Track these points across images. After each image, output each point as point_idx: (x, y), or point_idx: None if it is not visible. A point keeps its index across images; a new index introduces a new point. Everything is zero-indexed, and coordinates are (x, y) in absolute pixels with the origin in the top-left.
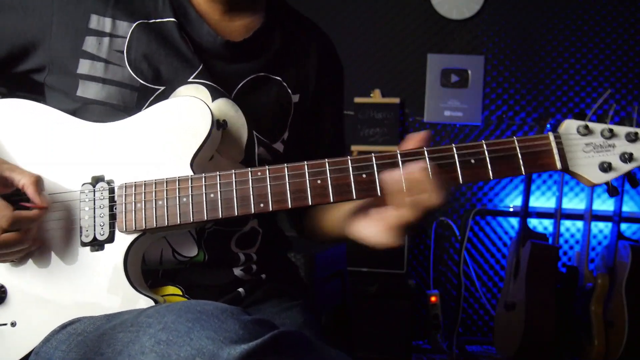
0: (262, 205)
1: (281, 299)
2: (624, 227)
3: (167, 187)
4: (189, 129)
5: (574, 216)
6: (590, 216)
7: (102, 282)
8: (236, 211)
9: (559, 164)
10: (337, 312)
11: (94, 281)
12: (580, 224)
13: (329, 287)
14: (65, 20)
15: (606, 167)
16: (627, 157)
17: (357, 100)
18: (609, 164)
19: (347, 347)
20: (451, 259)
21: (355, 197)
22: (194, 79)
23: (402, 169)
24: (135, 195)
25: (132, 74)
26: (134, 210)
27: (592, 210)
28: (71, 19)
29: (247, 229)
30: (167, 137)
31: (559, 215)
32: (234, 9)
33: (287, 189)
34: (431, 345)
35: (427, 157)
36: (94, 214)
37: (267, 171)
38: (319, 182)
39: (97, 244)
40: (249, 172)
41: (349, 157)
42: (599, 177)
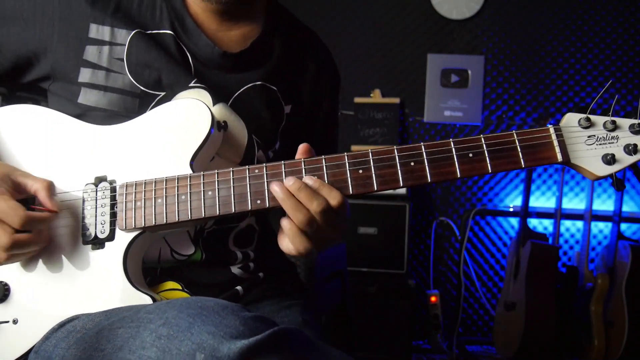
0: (259, 202)
1: (279, 298)
2: (624, 227)
3: (166, 186)
4: (189, 129)
5: (574, 216)
6: (590, 216)
7: (102, 279)
8: (233, 208)
9: (559, 157)
10: (337, 312)
11: (95, 279)
12: (580, 224)
13: (329, 287)
14: (65, 30)
15: (610, 159)
16: (631, 149)
17: (357, 100)
18: (613, 156)
19: (347, 347)
20: (451, 259)
21: (352, 192)
22: (193, 84)
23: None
24: (135, 194)
25: (133, 81)
26: (134, 208)
27: (592, 210)
28: (71, 29)
29: (243, 225)
30: (168, 138)
31: (559, 215)
32: (230, 18)
33: None
34: (431, 345)
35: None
36: (96, 212)
37: (265, 168)
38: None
39: (97, 242)
40: (247, 170)
41: (346, 153)
42: (603, 170)
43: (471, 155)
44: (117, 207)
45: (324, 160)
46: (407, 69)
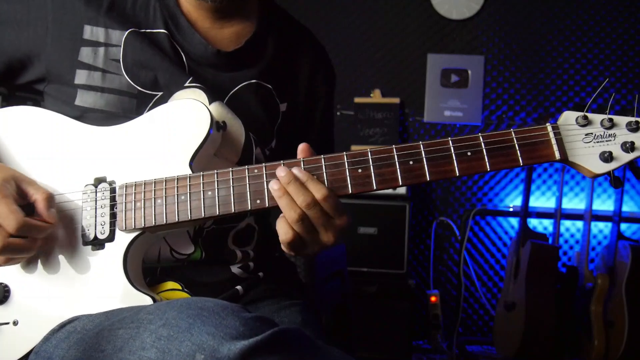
0: (258, 201)
1: (279, 298)
2: (624, 227)
3: (166, 186)
4: (188, 130)
5: (574, 216)
6: (590, 216)
7: (103, 280)
8: (233, 208)
9: (557, 155)
10: (337, 312)
11: (95, 279)
12: (580, 224)
13: (329, 287)
14: (59, 32)
15: (607, 157)
16: (628, 147)
17: (357, 100)
18: (610, 154)
19: (347, 347)
20: (451, 259)
21: (351, 191)
22: (189, 84)
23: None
24: (135, 194)
25: (130, 81)
26: (134, 209)
27: (592, 210)
28: (65, 31)
29: (243, 225)
30: (167, 138)
31: (559, 215)
32: (223, 17)
33: None
34: (431, 345)
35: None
36: (95, 213)
37: (264, 168)
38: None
39: (97, 243)
40: (246, 170)
41: (345, 152)
42: (601, 168)
43: (469, 153)
44: (116, 208)
45: (323, 159)
46: (407, 69)
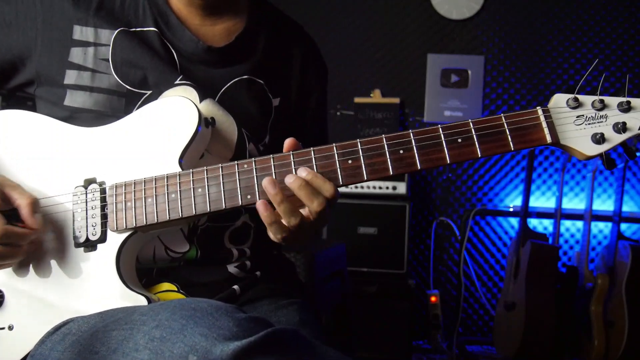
0: (249, 197)
1: (277, 297)
2: (624, 227)
3: (156, 185)
4: (177, 127)
5: (574, 216)
6: (590, 216)
7: (96, 281)
8: (224, 204)
9: (548, 138)
10: (337, 312)
11: (88, 281)
12: (580, 224)
13: (329, 287)
14: (49, 33)
15: (599, 138)
16: (620, 127)
17: (357, 100)
18: (602, 135)
19: (347, 347)
20: (451, 259)
21: (342, 182)
22: (179, 81)
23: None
24: (125, 194)
25: (119, 80)
26: (125, 209)
27: (592, 210)
28: (55, 32)
29: (239, 223)
30: (156, 137)
31: (559, 215)
32: (213, 13)
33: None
34: (431, 345)
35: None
36: (86, 215)
37: (254, 163)
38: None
39: (89, 245)
40: (236, 165)
41: (335, 144)
42: (593, 149)
43: (460, 140)
44: (107, 209)
45: (312, 152)
46: (407, 69)
